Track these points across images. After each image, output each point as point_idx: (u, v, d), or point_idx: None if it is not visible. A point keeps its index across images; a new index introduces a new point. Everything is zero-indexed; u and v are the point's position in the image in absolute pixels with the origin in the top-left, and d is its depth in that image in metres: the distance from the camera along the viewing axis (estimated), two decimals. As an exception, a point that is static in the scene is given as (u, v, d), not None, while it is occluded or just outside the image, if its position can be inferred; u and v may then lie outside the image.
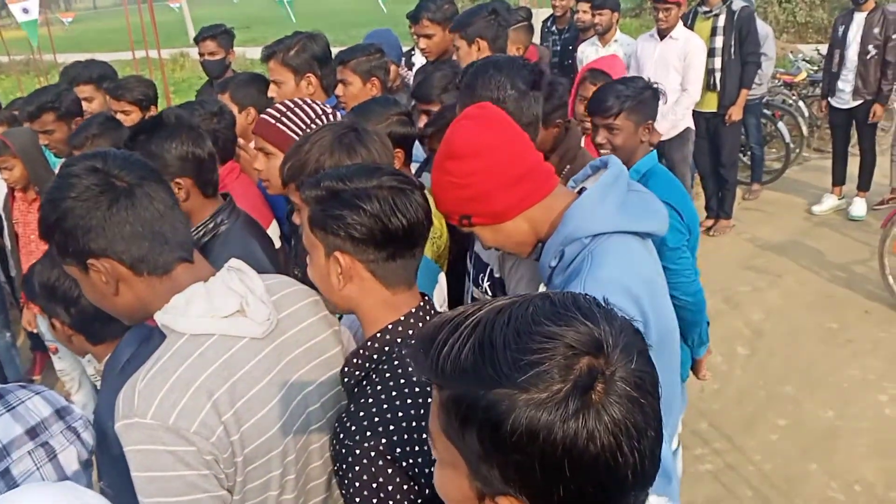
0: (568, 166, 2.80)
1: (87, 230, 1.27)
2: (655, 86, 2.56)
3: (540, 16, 7.78)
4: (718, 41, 5.45)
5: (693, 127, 5.36)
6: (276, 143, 2.06)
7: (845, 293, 5.01)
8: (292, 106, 2.11)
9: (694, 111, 5.39)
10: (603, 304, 0.78)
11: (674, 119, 5.22)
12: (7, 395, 1.36)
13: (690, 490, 3.30)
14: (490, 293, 2.09)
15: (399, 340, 1.35)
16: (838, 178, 6.41)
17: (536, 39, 6.95)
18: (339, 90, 3.03)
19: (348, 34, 15.99)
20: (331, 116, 2.11)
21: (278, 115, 2.11)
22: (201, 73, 5.11)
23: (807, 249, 5.74)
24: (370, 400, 1.32)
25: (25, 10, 5.80)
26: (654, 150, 2.58)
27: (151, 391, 1.22)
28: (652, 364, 0.77)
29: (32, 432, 1.34)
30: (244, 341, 1.32)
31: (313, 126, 2.02)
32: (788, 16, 16.50)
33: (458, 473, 0.78)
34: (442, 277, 2.04)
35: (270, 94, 2.87)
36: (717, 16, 5.49)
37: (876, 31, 5.63)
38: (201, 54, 4.44)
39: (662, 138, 5.28)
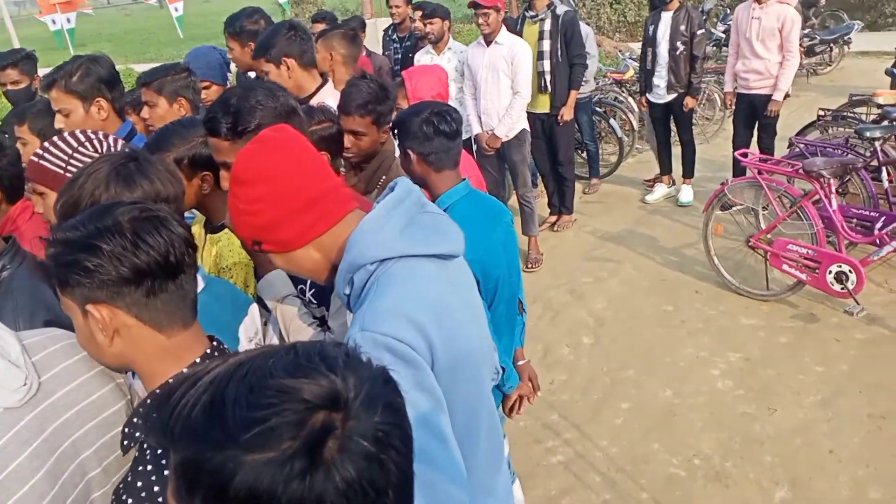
0: (384, 177, 2.79)
1: None
2: (440, 114, 2.41)
3: (384, 24, 7.80)
4: (546, 45, 5.66)
5: (528, 128, 5.53)
6: (43, 182, 1.92)
7: (677, 276, 5.33)
8: (55, 139, 1.96)
9: (529, 113, 5.56)
10: (352, 354, 0.74)
11: (510, 122, 5.37)
12: None
13: (544, 484, 3.38)
14: (315, 302, 2.04)
15: None
16: (665, 168, 6.85)
17: (379, 48, 6.97)
18: (145, 113, 2.87)
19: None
20: (105, 143, 1.95)
21: (41, 152, 1.95)
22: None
23: (642, 237, 6.07)
24: (149, 468, 1.18)
25: None
26: (464, 181, 2.46)
27: None
28: (402, 417, 0.73)
29: None
30: None
31: (77, 156, 1.88)
32: (619, 16, 17.50)
33: None
34: (253, 308, 1.95)
35: (58, 125, 2.66)
36: (543, 20, 5.69)
37: (682, 28, 6.05)
38: (2, 84, 4.09)
39: (502, 141, 5.43)
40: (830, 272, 4.34)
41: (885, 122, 5.18)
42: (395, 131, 2.47)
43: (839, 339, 4.31)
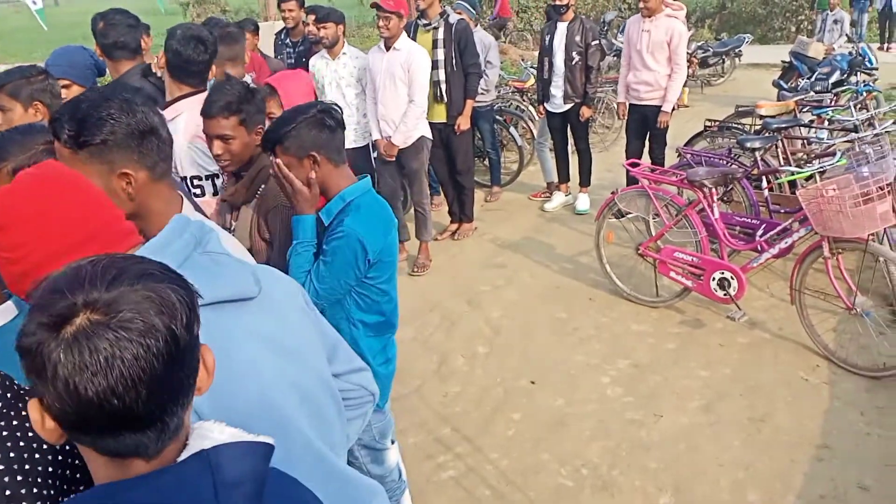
0: (263, 185, 2.67)
1: None
2: (325, 111, 2.38)
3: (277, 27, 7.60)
4: (440, 53, 5.63)
5: (429, 135, 5.49)
6: None
7: (572, 283, 5.39)
8: None
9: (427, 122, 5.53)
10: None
11: (405, 130, 5.31)
12: None
13: (436, 499, 3.32)
14: None
15: None
16: (563, 177, 6.95)
17: (271, 51, 6.78)
18: (0, 118, 2.65)
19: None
20: None
21: None
22: None
23: (539, 245, 6.13)
24: None
25: None
26: (365, 179, 2.47)
27: None
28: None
29: None
30: None
31: None
32: (525, 24, 17.80)
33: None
34: None
35: None
36: (436, 28, 5.66)
37: (577, 38, 6.15)
38: None
39: (399, 148, 5.36)
40: (714, 279, 4.47)
41: (766, 133, 5.41)
42: (280, 142, 2.35)
43: (723, 344, 4.45)
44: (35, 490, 1.13)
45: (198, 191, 3.07)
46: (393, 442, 2.85)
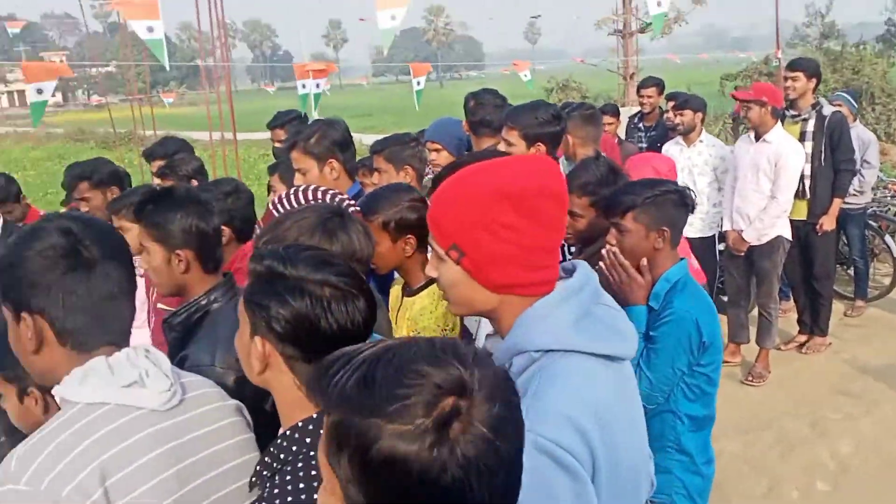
0: (600, 263, 2.63)
1: (33, 284, 1.28)
2: (683, 190, 2.35)
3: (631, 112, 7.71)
4: (808, 146, 5.13)
5: (787, 236, 5.02)
6: None
7: (954, 430, 4.39)
8: (288, 192, 2.12)
9: (787, 219, 5.06)
10: (480, 353, 0.86)
11: (760, 227, 4.93)
12: None
13: None
14: None
15: (308, 440, 1.25)
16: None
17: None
18: (375, 178, 3.02)
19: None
20: (325, 198, 2.07)
21: (275, 202, 2.13)
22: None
23: (911, 376, 5.14)
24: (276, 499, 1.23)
25: (40, 91, 5.92)
26: (685, 260, 2.36)
27: (30, 457, 1.20)
28: (516, 412, 0.85)
29: None
30: (142, 412, 1.29)
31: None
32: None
33: (335, 498, 0.86)
34: None
35: (296, 182, 2.88)
36: (805, 120, 5.19)
37: None
38: (274, 140, 4.60)
39: (750, 245, 4.98)
40: None
41: None
42: (636, 207, 2.29)
43: None
44: None
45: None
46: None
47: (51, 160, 22.41)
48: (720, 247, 5.52)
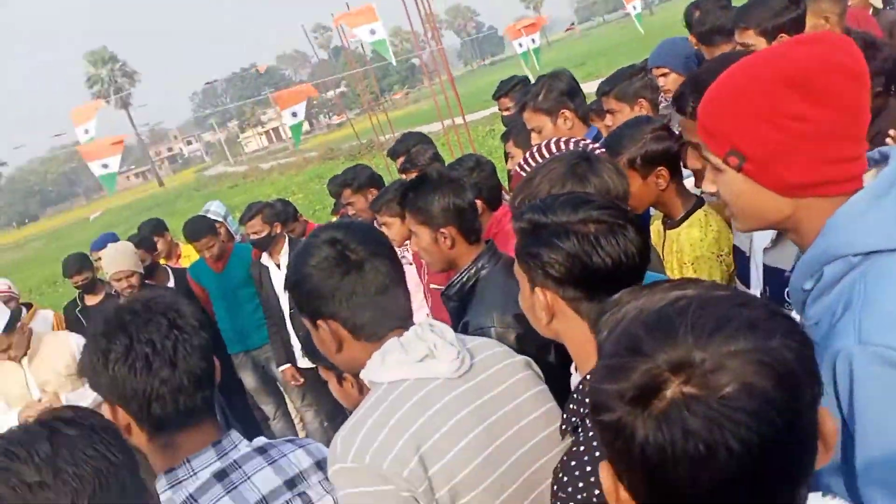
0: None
1: (319, 295, 1.43)
2: None
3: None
4: None
5: None
6: None
7: None
8: (527, 154, 2.16)
9: None
10: (759, 325, 0.70)
11: None
12: (270, 450, 1.53)
13: None
14: None
15: None
16: None
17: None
18: (609, 120, 2.95)
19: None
20: (566, 147, 2.08)
21: (520, 164, 2.20)
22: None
23: None
24: (582, 448, 1.26)
25: (294, 114, 6.77)
26: None
27: (351, 438, 1.33)
28: (767, 405, 0.67)
29: (291, 483, 1.48)
30: (438, 381, 1.39)
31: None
32: None
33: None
34: None
35: (534, 142, 2.90)
36: None
37: None
38: (501, 110, 4.69)
39: None
40: None
41: None
42: None
43: None
44: None
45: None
46: None
47: (311, 181, 24.97)
48: None
